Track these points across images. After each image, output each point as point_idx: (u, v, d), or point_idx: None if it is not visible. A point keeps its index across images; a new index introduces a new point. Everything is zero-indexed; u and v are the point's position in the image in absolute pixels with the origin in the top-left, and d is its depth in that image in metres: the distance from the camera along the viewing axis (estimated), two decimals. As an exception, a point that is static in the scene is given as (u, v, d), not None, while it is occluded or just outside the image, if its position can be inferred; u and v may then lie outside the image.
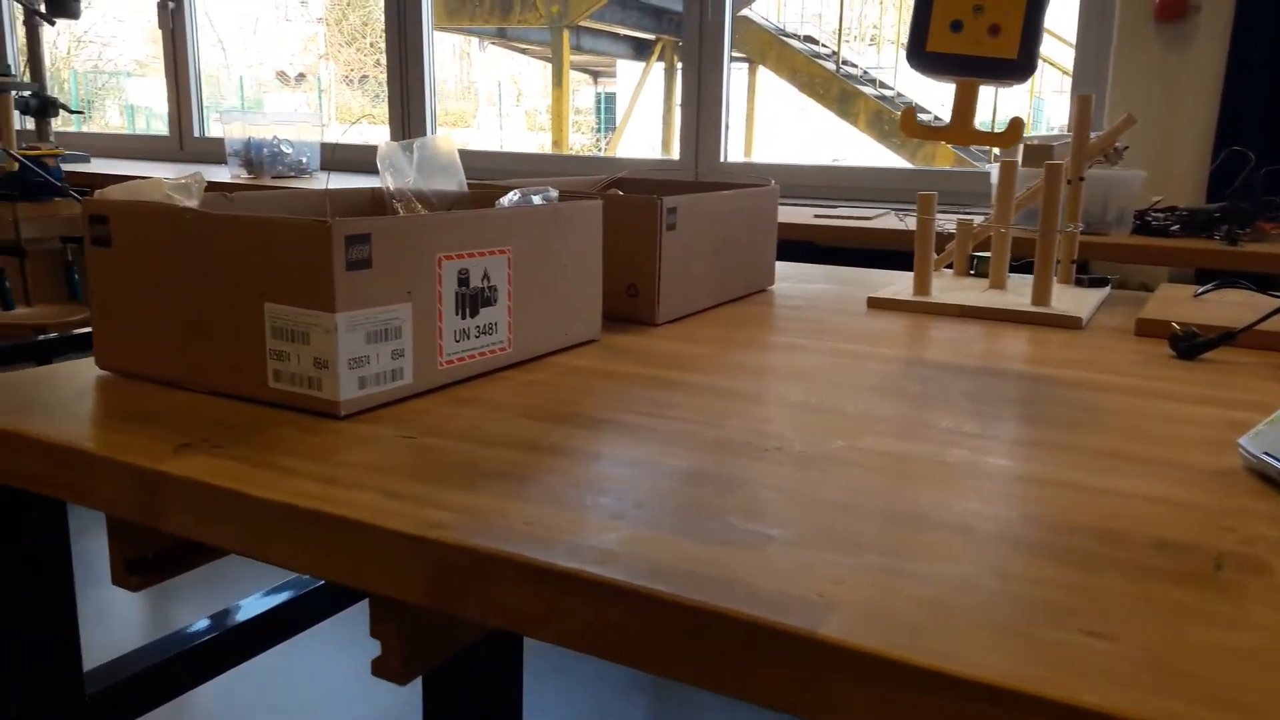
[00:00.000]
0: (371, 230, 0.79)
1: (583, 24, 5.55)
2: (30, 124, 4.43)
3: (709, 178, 3.50)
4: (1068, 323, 1.23)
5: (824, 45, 6.82)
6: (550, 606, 0.53)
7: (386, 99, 3.93)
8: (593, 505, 0.61)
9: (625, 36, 7.23)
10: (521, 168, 3.75)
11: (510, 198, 1.03)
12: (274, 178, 3.51)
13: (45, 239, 2.13)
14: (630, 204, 1.17)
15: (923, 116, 6.61)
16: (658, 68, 6.51)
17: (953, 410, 0.85)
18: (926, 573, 0.53)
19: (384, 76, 3.98)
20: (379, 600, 0.62)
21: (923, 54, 1.00)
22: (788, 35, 6.36)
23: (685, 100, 3.52)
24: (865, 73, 6.71)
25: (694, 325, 1.19)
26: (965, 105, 1.03)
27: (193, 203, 0.88)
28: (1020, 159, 1.42)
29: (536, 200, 1.02)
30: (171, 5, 4.38)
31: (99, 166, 3.88)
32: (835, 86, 6.13)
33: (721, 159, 3.55)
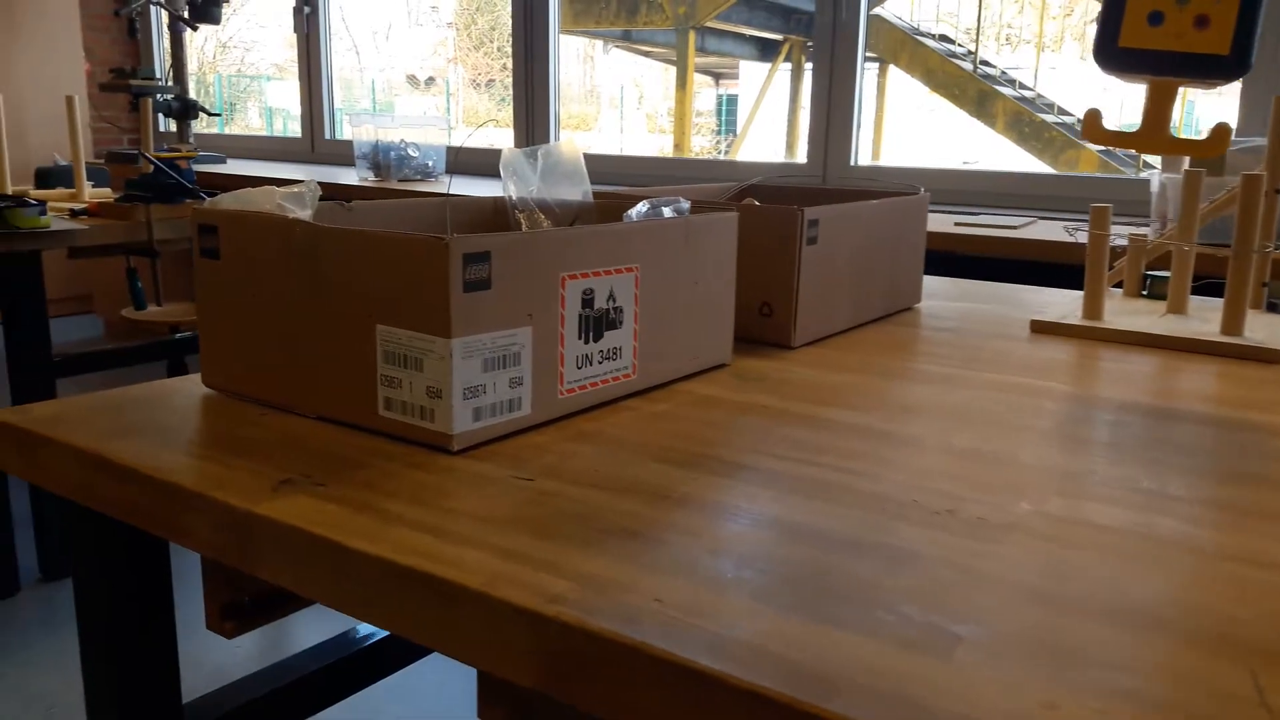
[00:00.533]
0: (491, 248, 0.71)
1: (709, 25, 5.46)
2: (171, 126, 4.61)
3: (838, 182, 3.37)
4: (1266, 356, 1.08)
5: (959, 45, 6.56)
6: (687, 714, 0.44)
7: (510, 102, 3.93)
8: (735, 580, 0.52)
9: (750, 37, 7.10)
10: (643, 171, 3.68)
11: (639, 210, 0.95)
12: (400, 181, 3.54)
13: (176, 240, 2.16)
14: (767, 215, 1.07)
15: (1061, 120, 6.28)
16: (784, 68, 6.37)
17: (1152, 465, 0.72)
18: (1171, 699, 0.42)
19: (509, 80, 3.98)
20: (488, 680, 0.55)
21: (1114, 50, 0.87)
22: (922, 34, 6.13)
23: (815, 102, 3.40)
24: (1003, 73, 6.42)
25: (834, 350, 1.09)
26: (1160, 109, 0.90)
27: (306, 213, 0.82)
28: (1196, 169, 1.27)
29: (667, 213, 0.93)
30: (307, 10, 4.48)
31: (234, 167, 3.99)
32: (972, 87, 5.87)
33: (852, 162, 3.41)
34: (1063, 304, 1.34)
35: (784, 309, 1.08)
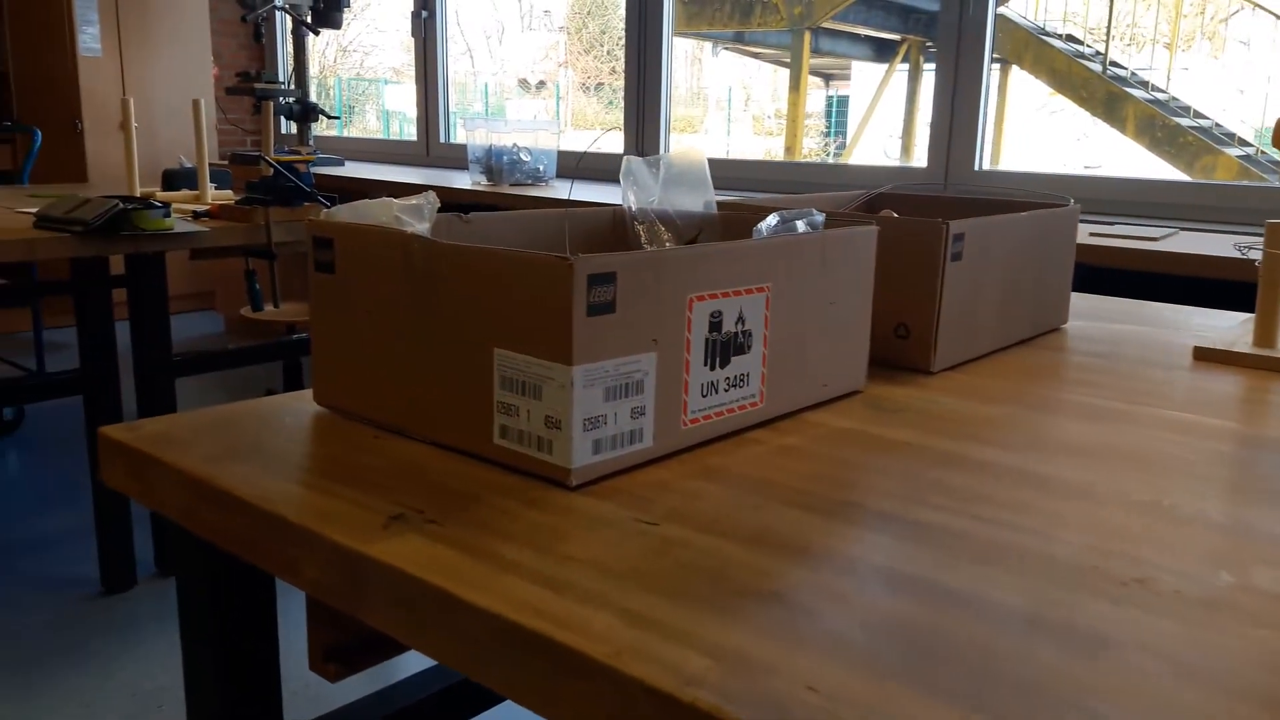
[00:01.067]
0: (617, 269, 0.66)
1: (824, 25, 5.34)
2: (292, 128, 4.74)
3: (961, 189, 3.23)
4: None
5: (1087, 45, 6.27)
6: (851, 833, 0.38)
7: (619, 105, 3.89)
8: (899, 667, 0.45)
9: (866, 37, 6.94)
10: (753, 175, 3.60)
11: (769, 224, 0.88)
12: (512, 185, 3.54)
13: (294, 242, 2.18)
14: (908, 229, 0.99)
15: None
16: (902, 69, 6.19)
17: (1371, 530, 0.62)
18: None
19: (617, 83, 3.94)
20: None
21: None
22: (1048, 34, 5.88)
23: (937, 104, 3.27)
24: (1133, 74, 6.11)
25: (977, 376, 1.00)
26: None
27: (424, 225, 0.78)
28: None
29: (800, 227, 0.86)
30: (424, 15, 4.53)
31: (351, 170, 4.06)
32: (1101, 89, 5.60)
33: (975, 167, 3.26)
34: (1228, 328, 1.22)
35: (923, 331, 1.00)
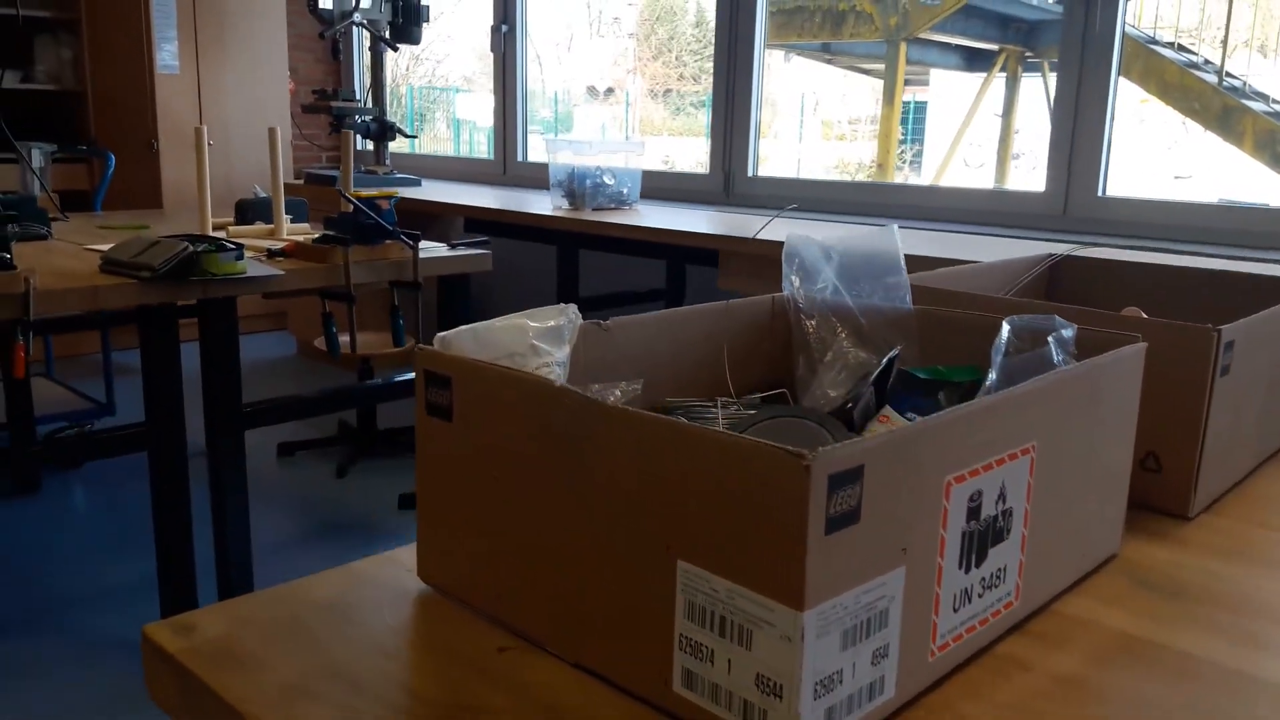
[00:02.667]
0: (865, 460, 0.45)
1: (920, 35, 5.09)
2: (368, 144, 4.63)
3: (1084, 217, 2.96)
4: None
5: (1197, 54, 5.89)
6: None
7: (687, 112, 3.70)
8: None
9: (955, 46, 6.63)
10: (842, 197, 3.37)
11: (1003, 338, 0.67)
12: (594, 210, 3.37)
13: (373, 283, 2.02)
14: (1166, 337, 0.77)
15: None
16: (999, 80, 5.89)
17: None
18: None
19: (685, 88, 3.75)
20: None
21: None
22: (1158, 44, 5.53)
23: (1058, 124, 3.00)
24: (1246, 85, 5.72)
25: (1247, 522, 0.78)
26: None
27: (564, 350, 0.59)
28: None
29: (1057, 359, 0.65)
30: (504, 29, 4.39)
31: (428, 190, 3.92)
32: (1216, 101, 5.25)
33: (1099, 193, 3.00)
34: None
35: (1181, 465, 0.78)
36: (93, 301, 1.65)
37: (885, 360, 0.68)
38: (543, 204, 3.60)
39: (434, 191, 3.93)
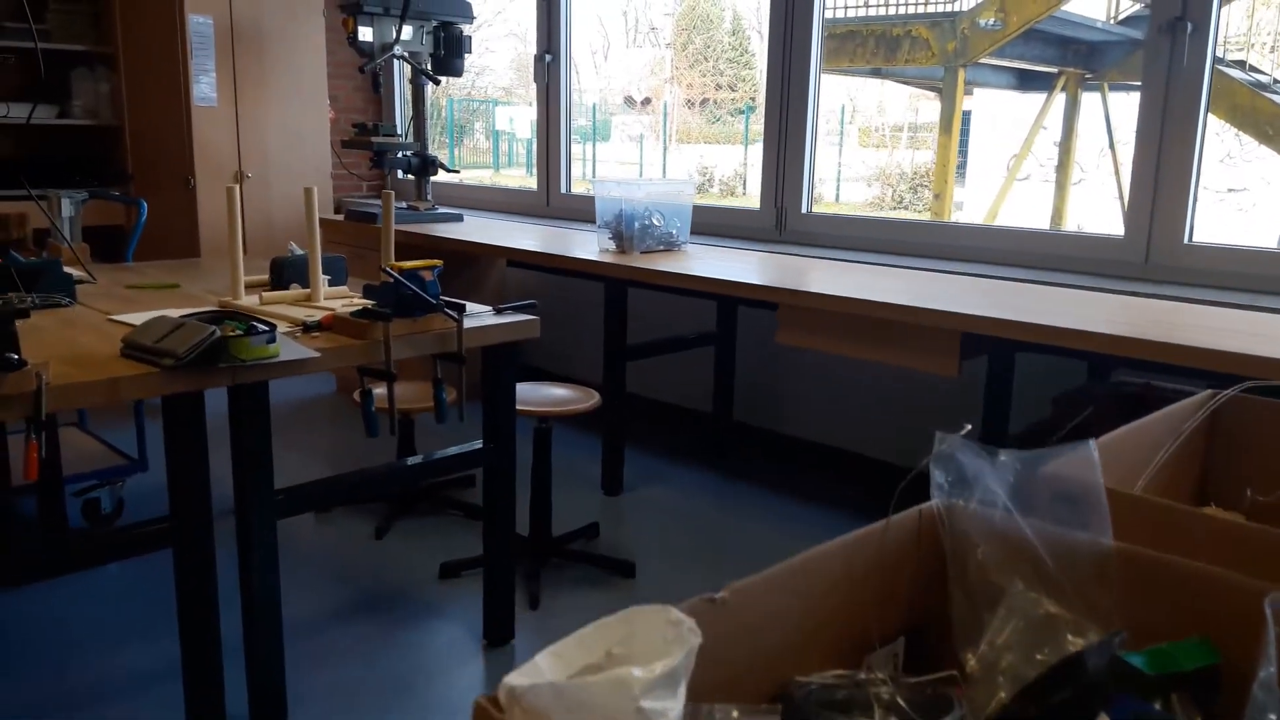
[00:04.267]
0: None
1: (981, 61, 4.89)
2: (390, 175, 4.52)
3: (1167, 265, 2.75)
4: None
5: (1265, 73, 5.64)
6: None
7: (724, 121, 3.52)
8: None
9: (1008, 69, 6.43)
10: (895, 237, 3.18)
11: (1271, 632, 0.50)
12: (643, 253, 3.21)
13: (415, 358, 1.88)
14: None
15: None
16: (1059, 100, 5.67)
17: None
18: None
19: (722, 97, 3.57)
20: None
21: None
22: (1224, 64, 5.29)
23: (1140, 166, 2.80)
24: (1321, 105, 5.45)
25: None
26: None
27: (677, 704, 0.43)
28: None
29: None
30: (548, 59, 4.25)
31: (470, 227, 3.79)
32: (1293, 127, 4.99)
33: (1185, 240, 2.79)
34: None
35: None
36: (111, 394, 1.52)
37: (1100, 644, 0.51)
38: (588, 242, 3.45)
39: (476, 228, 3.80)
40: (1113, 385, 2.46)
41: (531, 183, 4.45)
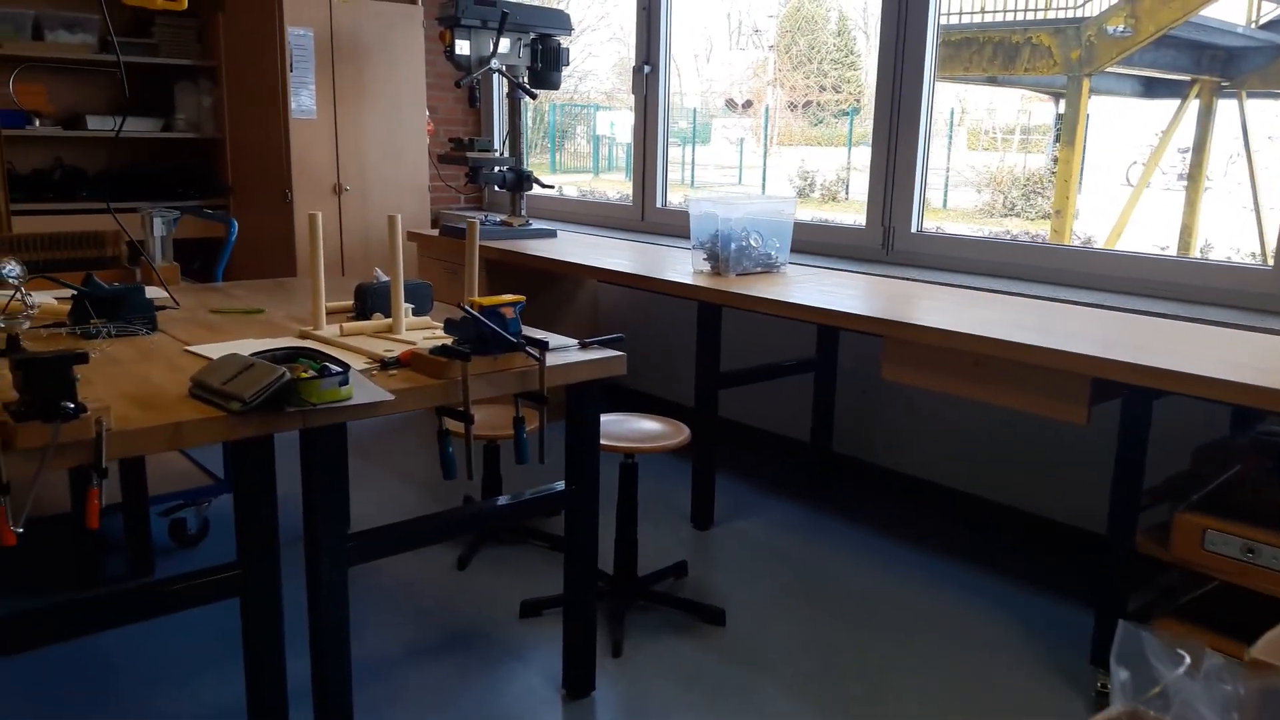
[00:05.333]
0: None
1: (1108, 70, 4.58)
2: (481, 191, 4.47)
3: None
4: None
5: None
6: None
7: (828, 124, 3.33)
8: None
9: (1132, 76, 6.05)
10: (1017, 260, 2.94)
11: None
12: (739, 275, 3.06)
13: (495, 399, 1.78)
14: None
15: None
16: (1193, 108, 5.29)
17: None
18: None
19: (825, 98, 3.38)
20: None
21: None
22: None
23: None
24: None
25: None
26: None
27: None
28: None
29: None
30: (647, 70, 4.13)
31: (564, 244, 3.70)
32: None
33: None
34: None
35: None
36: (174, 441, 1.45)
37: None
38: (682, 261, 3.32)
39: (569, 245, 3.71)
40: (1259, 436, 2.21)
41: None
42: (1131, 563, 2.10)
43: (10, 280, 1.88)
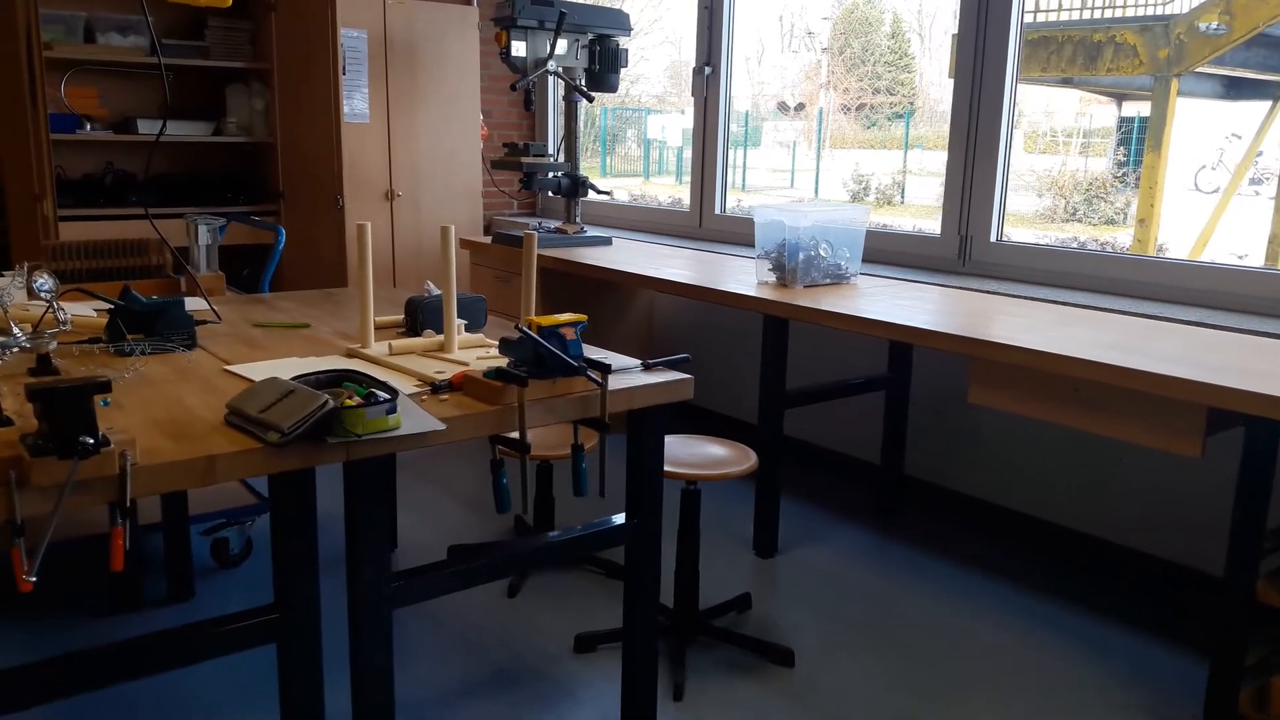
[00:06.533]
0: None
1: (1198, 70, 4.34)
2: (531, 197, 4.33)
3: None
4: None
5: None
6: None
7: (881, 126, 3.14)
8: None
9: (1215, 76, 5.76)
10: (1102, 273, 2.73)
11: None
12: (807, 286, 2.89)
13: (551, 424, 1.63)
14: None
15: None
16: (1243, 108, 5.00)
17: None
18: None
19: (879, 101, 3.19)
20: None
21: None
22: None
23: None
24: None
25: None
26: None
27: None
28: None
29: None
30: (708, 70, 3.97)
31: (618, 253, 3.55)
32: None
33: None
34: None
35: None
36: (207, 476, 1.32)
37: None
38: (743, 271, 3.15)
39: (625, 253, 3.56)
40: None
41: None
42: (1251, 612, 1.90)
43: (42, 295, 1.77)
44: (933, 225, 3.26)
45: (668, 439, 2.34)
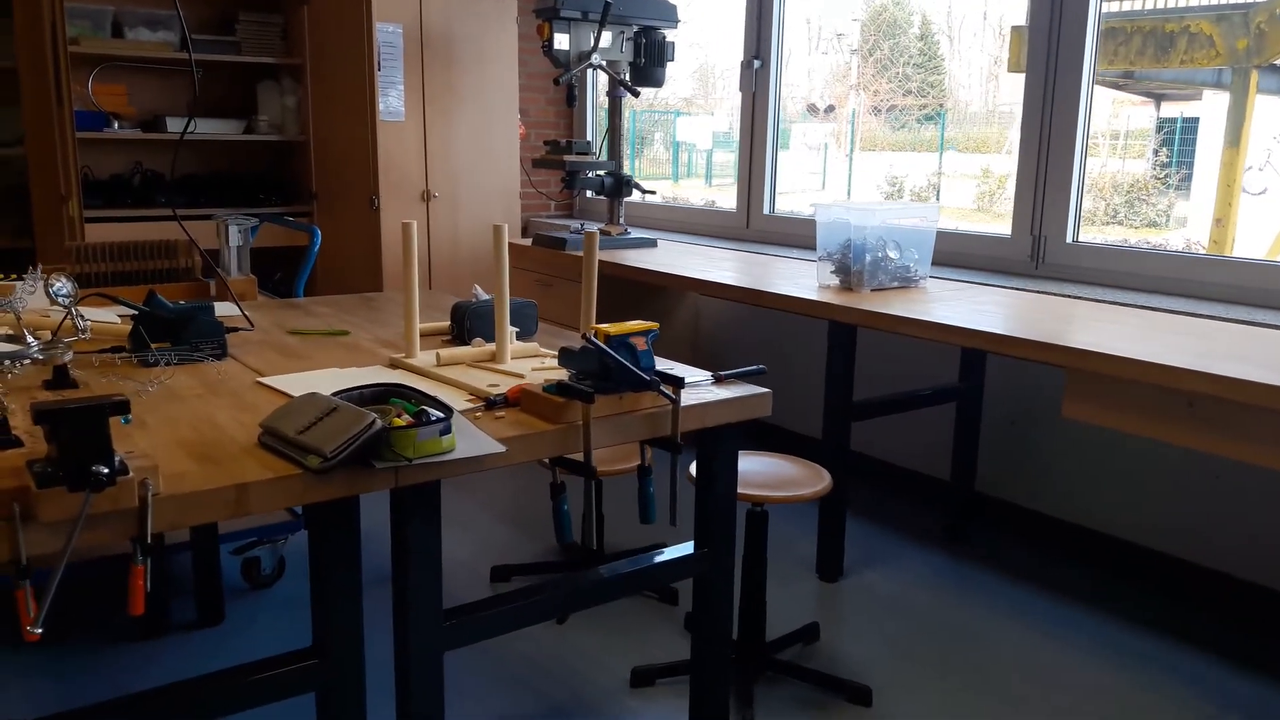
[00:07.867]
0: None
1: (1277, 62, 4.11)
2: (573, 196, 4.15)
3: None
4: None
5: None
6: None
7: (910, 129, 2.95)
8: None
9: (1270, 67, 5.51)
10: (1182, 274, 2.51)
11: None
12: (874, 290, 2.70)
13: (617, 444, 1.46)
14: None
15: None
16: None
17: None
18: None
19: (909, 102, 2.99)
20: None
21: None
22: None
23: None
24: None
25: None
26: None
27: None
28: None
29: None
30: (757, 65, 3.79)
31: (664, 254, 3.37)
32: None
33: None
34: None
35: None
36: (238, 507, 1.15)
37: None
38: (798, 274, 2.97)
39: (671, 254, 3.38)
40: None
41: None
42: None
43: (59, 300, 1.61)
44: (971, 227, 3.06)
45: (732, 456, 2.16)
